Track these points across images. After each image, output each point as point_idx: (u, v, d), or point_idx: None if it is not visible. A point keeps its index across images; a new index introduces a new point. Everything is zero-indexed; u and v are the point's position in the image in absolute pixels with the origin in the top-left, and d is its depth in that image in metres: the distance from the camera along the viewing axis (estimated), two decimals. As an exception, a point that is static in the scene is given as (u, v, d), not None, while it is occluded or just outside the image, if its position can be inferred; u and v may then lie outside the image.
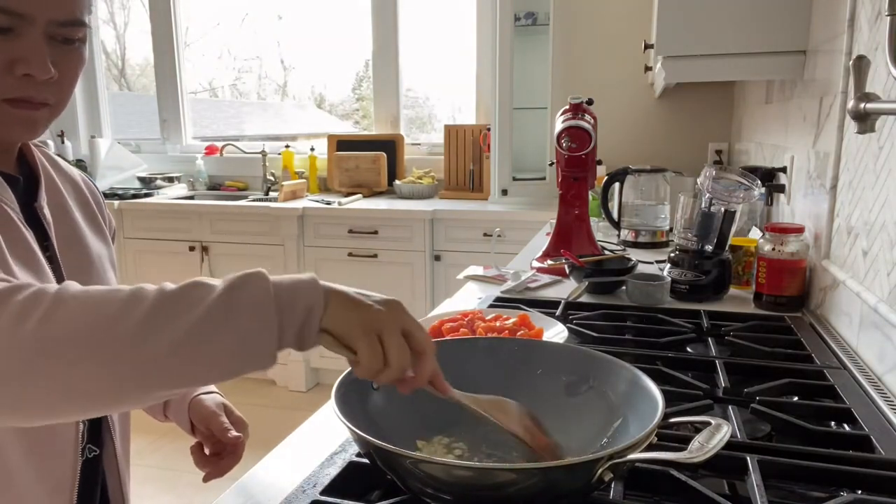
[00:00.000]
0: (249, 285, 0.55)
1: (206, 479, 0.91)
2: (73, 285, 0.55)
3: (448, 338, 1.04)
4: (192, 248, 3.30)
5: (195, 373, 0.54)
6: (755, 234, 1.63)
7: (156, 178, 3.77)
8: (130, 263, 3.41)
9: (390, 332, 0.58)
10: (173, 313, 0.53)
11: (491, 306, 1.34)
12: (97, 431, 0.84)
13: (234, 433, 0.90)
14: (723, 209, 1.39)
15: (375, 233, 3.06)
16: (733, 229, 1.41)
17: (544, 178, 3.05)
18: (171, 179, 3.80)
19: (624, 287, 1.44)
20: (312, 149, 3.66)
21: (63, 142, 3.96)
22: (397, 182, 3.41)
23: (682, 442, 0.61)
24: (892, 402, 0.88)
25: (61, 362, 0.50)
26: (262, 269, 0.57)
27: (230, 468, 0.91)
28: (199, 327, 0.53)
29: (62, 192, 0.85)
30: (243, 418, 0.94)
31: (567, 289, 1.47)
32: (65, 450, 0.78)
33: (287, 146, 3.74)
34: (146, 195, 3.54)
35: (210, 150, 3.92)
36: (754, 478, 0.66)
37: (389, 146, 3.54)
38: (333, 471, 0.71)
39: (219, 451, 0.92)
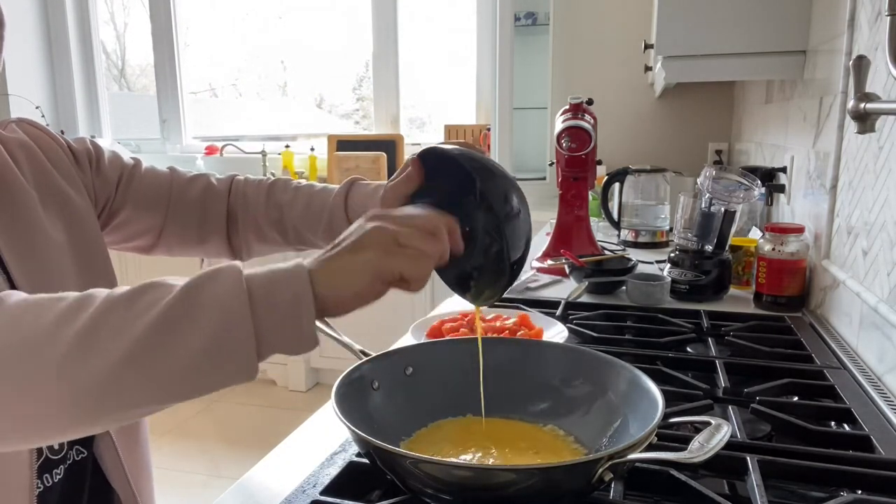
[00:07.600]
0: (216, 279, 0.46)
1: None
2: (12, 296, 0.46)
3: (448, 338, 1.04)
4: (192, 248, 3.30)
5: (152, 392, 0.45)
6: (755, 234, 1.63)
7: (156, 178, 3.76)
8: (131, 262, 3.40)
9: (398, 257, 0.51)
10: (119, 323, 0.44)
11: (491, 306, 1.34)
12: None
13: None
14: (723, 209, 1.39)
15: (375, 233, 3.05)
16: (733, 229, 1.41)
17: (544, 178, 3.05)
18: (171, 179, 3.79)
19: (624, 287, 1.44)
20: (312, 149, 3.66)
21: (63, 142, 3.96)
22: (397, 182, 3.41)
23: (682, 442, 0.61)
24: (892, 402, 0.88)
25: None
26: (236, 262, 0.48)
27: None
28: (149, 336, 0.44)
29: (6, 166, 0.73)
30: None
31: (567, 289, 1.46)
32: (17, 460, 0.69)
33: (287, 146, 3.74)
34: (146, 195, 3.53)
35: (210, 150, 3.91)
36: (754, 478, 0.66)
37: (389, 146, 3.54)
38: (333, 471, 0.71)
39: None
